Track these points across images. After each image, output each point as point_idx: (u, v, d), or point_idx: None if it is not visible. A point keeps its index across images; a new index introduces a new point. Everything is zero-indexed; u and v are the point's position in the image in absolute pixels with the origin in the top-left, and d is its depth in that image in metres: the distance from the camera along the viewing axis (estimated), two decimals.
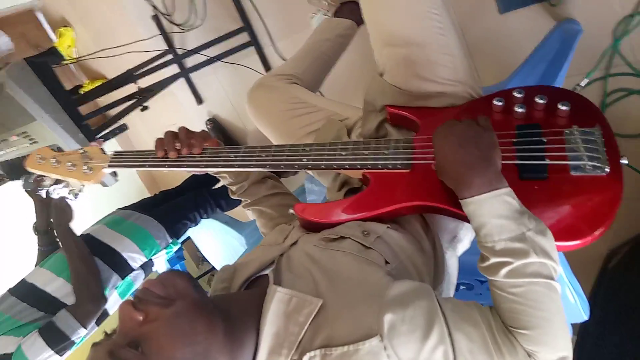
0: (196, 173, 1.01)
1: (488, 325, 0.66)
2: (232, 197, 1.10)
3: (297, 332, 0.66)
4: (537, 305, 0.64)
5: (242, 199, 1.09)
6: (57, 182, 1.15)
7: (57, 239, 1.84)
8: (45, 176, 1.15)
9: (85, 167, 1.07)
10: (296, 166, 0.92)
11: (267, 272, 0.80)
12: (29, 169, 1.14)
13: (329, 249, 0.79)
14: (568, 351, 0.65)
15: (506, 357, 0.64)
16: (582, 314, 1.06)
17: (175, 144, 0.98)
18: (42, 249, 1.89)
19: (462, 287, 1.24)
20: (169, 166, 0.99)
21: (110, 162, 1.07)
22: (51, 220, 1.80)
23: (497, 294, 0.69)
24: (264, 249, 0.88)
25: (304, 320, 0.66)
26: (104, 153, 1.10)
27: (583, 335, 1.49)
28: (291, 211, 0.90)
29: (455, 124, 0.76)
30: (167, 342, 0.61)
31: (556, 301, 0.66)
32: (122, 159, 1.06)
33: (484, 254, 0.70)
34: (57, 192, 1.56)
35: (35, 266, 1.82)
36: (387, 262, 0.77)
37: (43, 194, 1.40)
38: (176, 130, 1.00)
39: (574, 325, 1.11)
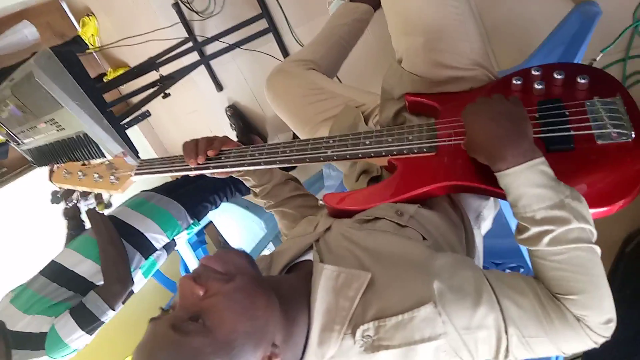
0: (220, 176, 1.02)
1: (535, 293, 0.67)
2: (256, 200, 1.11)
3: (348, 307, 0.67)
4: (581, 270, 0.65)
5: (265, 201, 1.10)
6: (84, 193, 1.17)
7: (85, 223, 1.91)
8: (73, 190, 1.17)
9: (112, 177, 1.10)
10: (322, 159, 0.93)
11: (304, 258, 0.81)
12: (56, 184, 1.17)
13: (364, 229, 0.80)
14: (613, 313, 0.66)
15: (555, 323, 0.65)
16: None
17: (197, 154, 0.99)
18: (70, 233, 1.97)
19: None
20: (195, 169, 1.01)
21: (137, 170, 1.09)
22: (77, 207, 1.87)
23: (539, 263, 0.69)
24: (296, 239, 0.88)
25: (354, 294, 0.68)
26: (127, 162, 1.12)
27: None
28: (321, 202, 0.92)
29: (485, 101, 0.77)
30: (229, 316, 0.62)
31: (599, 264, 0.66)
32: (148, 166, 1.08)
33: (524, 225, 0.70)
34: (86, 204, 1.61)
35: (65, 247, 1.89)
36: (424, 238, 0.78)
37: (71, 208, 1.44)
38: (197, 138, 1.01)
39: None
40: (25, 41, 2.88)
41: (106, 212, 1.95)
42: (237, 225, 2.36)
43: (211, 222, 2.50)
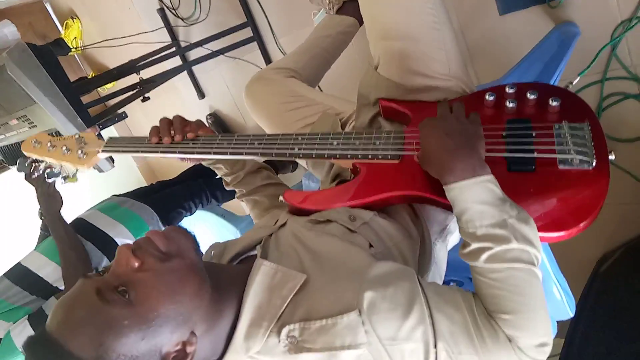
0: (189, 161, 1.01)
1: (470, 309, 0.67)
2: (227, 189, 1.11)
3: (279, 305, 0.67)
4: (517, 290, 0.65)
5: (237, 189, 1.10)
6: (51, 166, 1.15)
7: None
8: (40, 161, 1.15)
9: (80, 152, 1.08)
10: (287, 154, 0.93)
11: (254, 252, 0.81)
12: (25, 152, 1.15)
13: (315, 230, 0.80)
14: (548, 337, 0.66)
15: (487, 341, 0.64)
16: (568, 311, 1.06)
17: (170, 131, 0.99)
18: (44, 234, 1.89)
19: (452, 283, 1.24)
20: (162, 152, 1.00)
21: (105, 147, 1.07)
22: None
23: (478, 279, 0.69)
24: (255, 230, 0.90)
25: (287, 293, 0.68)
26: (101, 138, 1.10)
27: (572, 336, 1.49)
28: (281, 198, 0.91)
29: (443, 115, 0.79)
30: (154, 295, 0.63)
31: (536, 287, 0.66)
32: (117, 144, 1.07)
33: (466, 240, 0.71)
34: (51, 177, 1.56)
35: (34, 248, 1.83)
36: (371, 246, 0.78)
37: (38, 176, 1.40)
38: (170, 117, 1.01)
39: (561, 324, 1.11)
40: (5, 40, 2.82)
41: (76, 214, 1.90)
42: (213, 234, 2.32)
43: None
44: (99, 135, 1.11)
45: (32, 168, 1.15)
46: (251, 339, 0.67)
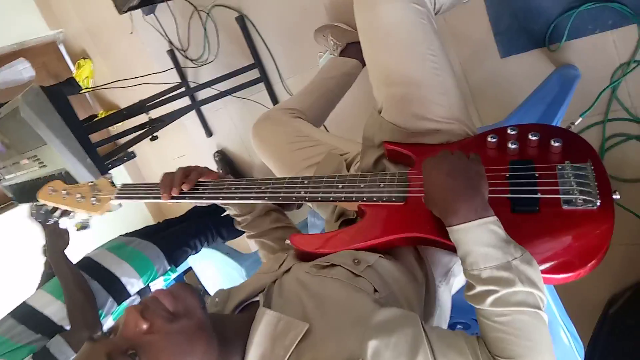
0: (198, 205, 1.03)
1: (474, 353, 0.66)
2: (237, 228, 1.12)
3: (282, 355, 0.66)
4: (523, 334, 0.65)
5: (246, 231, 1.11)
6: (65, 213, 1.18)
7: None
8: (56, 208, 1.19)
9: (94, 199, 1.11)
10: (294, 198, 0.94)
11: (257, 298, 0.81)
12: (41, 200, 1.18)
13: (319, 275, 0.80)
14: None
15: None
16: (577, 356, 1.04)
17: (171, 186, 1.00)
18: (47, 272, 1.89)
19: (458, 326, 1.22)
20: (173, 199, 1.01)
21: (117, 194, 1.10)
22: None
23: (483, 322, 0.69)
24: (259, 276, 0.89)
25: (289, 343, 0.67)
26: (113, 185, 1.14)
27: None
28: (287, 242, 0.91)
29: (445, 155, 0.79)
30: (165, 357, 0.62)
31: (543, 331, 0.66)
32: (129, 191, 1.10)
33: (470, 282, 0.71)
34: (65, 223, 1.58)
35: (37, 289, 1.83)
36: (376, 291, 0.77)
37: (54, 224, 1.43)
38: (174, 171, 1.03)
39: None
40: (20, 78, 2.92)
41: (83, 253, 1.91)
42: (217, 272, 2.31)
43: (191, 268, 2.45)
44: (112, 183, 1.14)
45: (47, 216, 1.18)
46: None
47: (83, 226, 1.16)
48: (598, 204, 0.74)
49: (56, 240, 1.70)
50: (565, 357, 1.05)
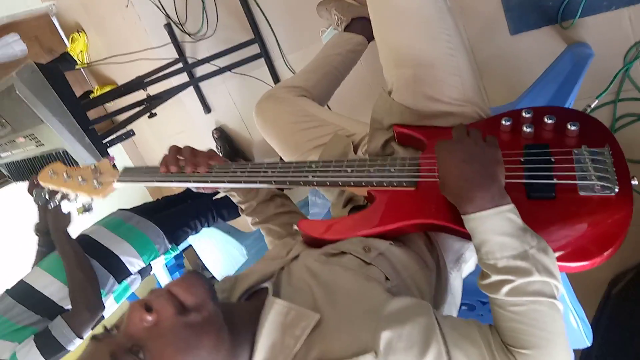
0: (204, 189, 1.01)
1: (487, 344, 0.65)
2: (242, 214, 1.10)
3: (293, 345, 0.65)
4: (538, 324, 0.63)
5: (251, 218, 1.08)
6: (66, 196, 1.17)
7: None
8: (57, 191, 1.16)
9: (95, 182, 1.09)
10: (302, 183, 0.92)
11: (266, 284, 0.79)
12: (41, 183, 1.16)
13: (329, 264, 0.78)
14: None
15: None
16: (585, 340, 1.04)
17: (179, 161, 0.98)
18: (41, 249, 1.87)
19: (463, 307, 1.22)
20: (176, 181, 0.99)
21: (119, 177, 1.08)
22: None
23: (498, 312, 0.67)
24: (266, 262, 0.87)
25: (300, 333, 0.66)
26: (115, 168, 1.12)
27: None
28: (295, 228, 0.90)
29: (459, 139, 0.76)
30: (170, 353, 0.60)
31: (558, 321, 0.64)
32: (131, 174, 1.07)
33: (485, 271, 0.69)
34: (67, 207, 1.55)
35: (33, 266, 1.80)
36: (387, 279, 0.76)
37: (55, 207, 1.40)
38: (181, 146, 1.00)
39: (575, 352, 1.09)
40: (12, 53, 2.84)
41: (80, 230, 1.88)
42: (218, 251, 2.30)
43: (190, 245, 2.44)
44: (114, 165, 1.12)
45: (49, 199, 1.16)
46: None
47: (86, 209, 1.14)
48: (617, 190, 0.71)
49: (59, 218, 1.68)
50: (574, 341, 1.05)
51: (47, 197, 1.15)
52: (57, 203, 1.15)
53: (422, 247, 0.89)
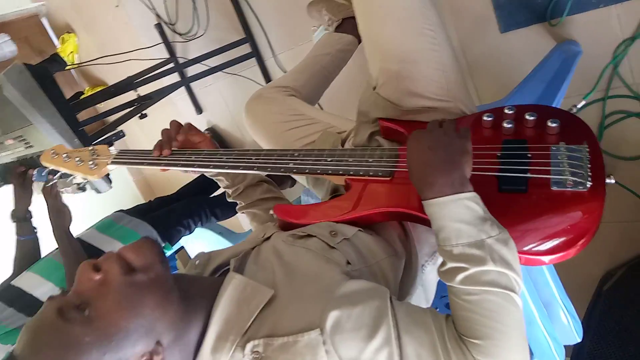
0: (191, 173, 1.07)
1: (440, 332, 0.65)
2: (228, 200, 1.12)
3: (246, 319, 0.67)
4: (490, 315, 0.63)
5: (238, 202, 1.10)
6: (64, 176, 1.27)
7: (36, 229, 1.79)
8: (57, 171, 1.25)
9: (91, 163, 1.15)
10: (282, 169, 0.94)
11: (231, 261, 0.81)
12: (43, 163, 1.23)
13: (294, 245, 0.80)
14: None
15: None
16: (575, 336, 1.05)
17: (170, 142, 1.05)
18: (20, 239, 1.80)
19: (448, 302, 1.23)
20: (166, 164, 1.04)
21: (114, 159, 1.13)
22: (28, 209, 1.77)
23: (453, 300, 0.67)
24: (243, 243, 0.90)
25: (254, 309, 0.67)
26: (112, 152, 1.18)
27: (577, 357, 1.47)
28: (271, 212, 0.92)
29: (431, 128, 0.78)
30: (114, 309, 0.63)
31: (513, 313, 0.64)
32: (125, 156, 1.13)
33: (443, 258, 0.69)
34: (64, 187, 1.57)
35: (14, 260, 1.77)
36: (348, 263, 0.76)
37: (52, 185, 1.43)
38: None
39: (567, 348, 1.09)
40: (2, 54, 2.81)
41: (75, 234, 1.87)
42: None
43: (183, 247, 2.43)
44: (111, 150, 1.18)
45: (48, 178, 1.22)
46: (218, 352, 0.66)
47: (80, 188, 1.22)
48: (589, 185, 0.72)
49: (60, 216, 1.65)
50: (565, 337, 1.05)
51: (45, 176, 1.23)
52: (55, 181, 1.22)
53: (394, 237, 0.90)
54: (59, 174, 1.23)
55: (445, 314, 0.69)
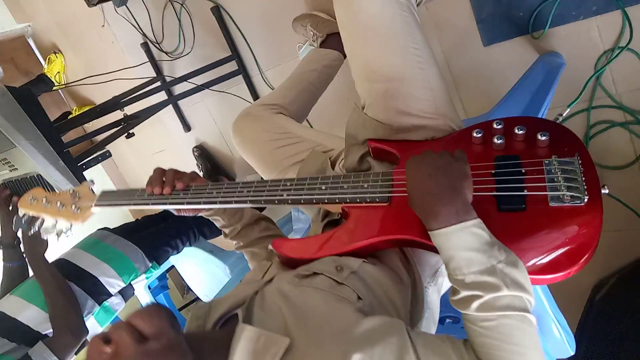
0: (184, 212, 1.00)
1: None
2: (226, 240, 1.09)
3: None
4: (509, 339, 0.63)
5: (235, 242, 1.08)
6: (44, 221, 1.16)
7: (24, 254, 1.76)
8: (37, 217, 1.16)
9: (74, 207, 1.08)
10: (276, 201, 0.91)
11: (238, 311, 0.77)
12: (21, 209, 1.15)
13: (301, 285, 0.77)
14: None
15: None
16: (568, 349, 1.04)
17: (162, 182, 0.98)
18: (9, 265, 1.76)
19: (448, 320, 1.21)
20: (153, 203, 0.99)
21: (97, 202, 1.07)
22: (16, 235, 1.71)
23: (469, 327, 0.67)
24: (242, 287, 0.86)
25: (271, 359, 0.64)
26: (93, 193, 1.11)
27: None
28: (270, 247, 0.89)
29: (428, 155, 0.77)
30: None
31: (530, 334, 0.64)
32: (109, 198, 1.07)
33: (455, 287, 0.69)
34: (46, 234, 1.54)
35: (2, 287, 1.74)
36: (359, 298, 0.75)
37: (34, 234, 1.37)
38: (165, 168, 1.00)
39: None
40: None
41: (59, 254, 1.84)
42: (201, 270, 2.28)
43: (173, 266, 2.40)
44: (92, 191, 1.11)
45: (29, 225, 1.15)
46: None
47: (64, 233, 1.14)
48: (586, 199, 0.72)
49: (35, 244, 1.63)
50: (558, 350, 1.05)
51: (27, 224, 1.14)
52: (37, 229, 1.14)
53: (397, 262, 0.89)
54: (39, 222, 1.15)
55: (463, 339, 0.69)
